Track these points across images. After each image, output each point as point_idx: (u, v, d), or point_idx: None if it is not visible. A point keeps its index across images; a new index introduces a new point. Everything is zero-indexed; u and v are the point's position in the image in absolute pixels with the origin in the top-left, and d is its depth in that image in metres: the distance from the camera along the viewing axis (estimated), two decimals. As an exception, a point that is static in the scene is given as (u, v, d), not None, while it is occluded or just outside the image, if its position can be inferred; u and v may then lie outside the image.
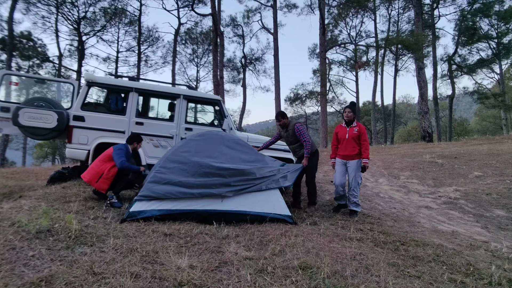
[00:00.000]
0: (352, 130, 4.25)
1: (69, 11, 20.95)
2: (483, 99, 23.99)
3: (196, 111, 6.92)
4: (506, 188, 5.89)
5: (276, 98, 20.54)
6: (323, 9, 19.19)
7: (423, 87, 16.56)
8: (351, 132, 4.25)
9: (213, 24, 17.14)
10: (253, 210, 3.54)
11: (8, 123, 4.80)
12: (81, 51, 21.30)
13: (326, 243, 2.91)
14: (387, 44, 20.27)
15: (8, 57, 17.49)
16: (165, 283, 1.94)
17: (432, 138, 16.51)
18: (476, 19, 22.53)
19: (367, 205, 4.99)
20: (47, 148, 31.07)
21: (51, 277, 1.87)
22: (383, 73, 25.96)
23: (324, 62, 19.76)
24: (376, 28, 24.47)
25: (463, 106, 77.58)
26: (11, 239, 2.35)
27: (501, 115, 26.83)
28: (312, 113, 30.45)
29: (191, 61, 28.24)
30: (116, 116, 5.03)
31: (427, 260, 2.72)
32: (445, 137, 24.92)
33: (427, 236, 3.60)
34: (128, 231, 2.86)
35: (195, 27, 26.57)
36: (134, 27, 24.00)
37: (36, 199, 3.82)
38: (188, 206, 3.35)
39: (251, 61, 27.95)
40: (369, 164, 4.85)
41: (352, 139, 4.23)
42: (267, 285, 2.03)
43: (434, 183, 6.54)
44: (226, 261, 2.36)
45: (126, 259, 2.26)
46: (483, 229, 4.24)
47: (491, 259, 2.99)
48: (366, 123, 29.80)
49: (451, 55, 23.99)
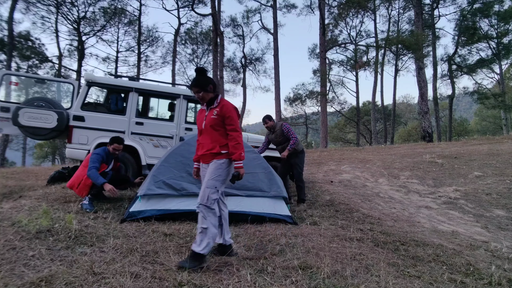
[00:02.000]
0: (211, 113, 2.46)
1: (68, 11, 20.94)
2: (483, 99, 23.97)
3: (196, 111, 6.92)
4: (506, 188, 5.89)
5: (276, 98, 20.54)
6: (323, 9, 19.21)
7: (423, 87, 16.57)
8: (209, 117, 2.46)
9: (213, 24, 17.14)
10: (253, 210, 3.54)
11: (8, 123, 4.80)
12: (80, 51, 21.29)
13: (326, 243, 2.91)
14: (387, 44, 20.28)
15: (8, 57, 17.49)
16: (165, 283, 1.94)
17: (432, 138, 16.53)
18: (476, 19, 22.53)
19: (367, 205, 4.99)
20: (47, 148, 31.05)
21: (51, 277, 1.87)
22: (383, 73, 25.97)
23: (324, 62, 19.77)
24: (376, 28, 24.46)
25: (463, 106, 77.62)
26: (11, 239, 2.35)
27: (501, 115, 26.85)
28: (312, 113, 30.45)
29: (191, 61, 28.22)
30: (116, 116, 5.03)
31: (427, 260, 2.72)
32: (445, 137, 24.92)
33: (427, 236, 3.60)
34: (128, 231, 2.86)
35: (195, 27, 26.59)
36: (134, 27, 24.00)
37: (36, 199, 3.82)
38: (188, 206, 3.35)
39: (251, 61, 27.95)
40: (369, 165, 4.76)
41: (211, 128, 2.45)
42: (267, 285, 2.03)
43: (434, 183, 6.54)
44: (226, 261, 2.36)
45: (126, 259, 2.26)
46: (483, 229, 4.24)
47: (491, 259, 2.99)
48: (366, 123, 29.80)
49: (451, 55, 23.99)
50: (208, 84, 2.42)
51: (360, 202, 5.08)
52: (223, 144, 2.43)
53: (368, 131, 29.79)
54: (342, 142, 32.58)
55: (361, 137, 28.28)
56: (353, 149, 13.75)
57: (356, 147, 18.54)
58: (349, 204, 4.78)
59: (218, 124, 2.43)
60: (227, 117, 2.41)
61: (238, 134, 2.42)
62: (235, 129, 2.42)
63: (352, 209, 4.51)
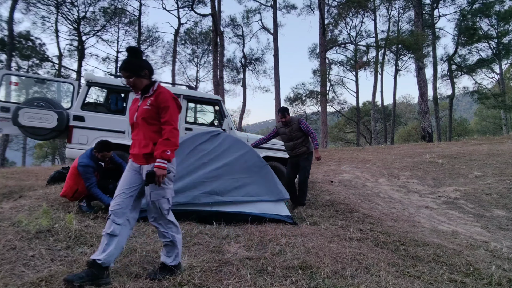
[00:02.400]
0: (144, 103, 2.04)
1: (69, 11, 20.94)
2: (483, 99, 23.97)
3: (196, 111, 6.92)
4: (506, 188, 5.89)
5: (276, 98, 20.53)
6: (323, 9, 19.21)
7: (423, 87, 16.57)
8: (142, 107, 2.04)
9: (213, 24, 17.14)
10: (253, 211, 3.54)
11: (8, 123, 4.79)
12: (81, 51, 21.28)
13: (326, 243, 2.91)
14: (387, 44, 20.28)
15: (8, 57, 17.49)
16: (165, 283, 1.94)
17: (432, 138, 16.52)
18: (476, 19, 22.52)
19: (367, 205, 4.99)
20: (47, 148, 31.06)
21: (51, 277, 1.87)
22: (383, 73, 25.95)
23: (324, 62, 19.77)
24: (376, 28, 24.45)
25: (463, 106, 77.63)
26: (11, 239, 2.35)
27: (501, 115, 26.84)
28: (312, 113, 30.43)
29: (190, 61, 28.25)
30: (116, 116, 5.02)
31: (427, 260, 2.72)
32: (445, 137, 24.92)
33: (427, 236, 3.60)
34: (128, 231, 2.86)
35: (195, 27, 26.60)
36: (134, 27, 24.00)
37: (36, 199, 3.81)
38: (188, 206, 3.35)
39: (251, 61, 27.94)
40: (369, 165, 4.72)
41: (143, 122, 2.02)
42: (267, 285, 2.03)
43: (434, 183, 6.54)
44: (226, 261, 2.36)
45: (126, 259, 2.26)
46: (483, 229, 4.24)
47: (491, 259, 2.99)
48: (366, 123, 29.79)
49: (451, 55, 23.99)
50: (142, 68, 2.01)
51: (360, 202, 5.08)
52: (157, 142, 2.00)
53: (368, 131, 29.78)
54: (342, 142, 32.58)
55: (361, 137, 28.27)
56: (353, 149, 13.74)
57: (356, 147, 18.53)
58: (349, 204, 4.78)
59: (152, 117, 2.00)
60: (162, 108, 1.98)
61: (172, 129, 1.96)
62: (168, 122, 1.97)
63: (352, 209, 4.51)
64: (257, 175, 3.77)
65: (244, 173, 3.72)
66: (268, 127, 78.77)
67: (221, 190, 3.49)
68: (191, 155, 3.69)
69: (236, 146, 3.94)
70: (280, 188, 3.78)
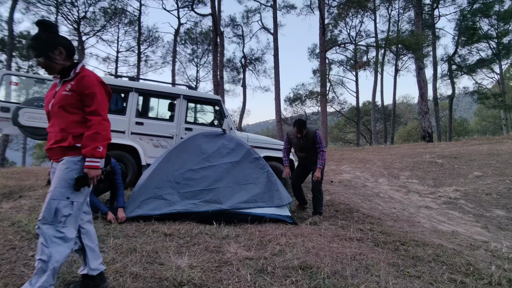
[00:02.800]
0: (63, 88, 1.68)
1: (69, 11, 20.93)
2: (483, 99, 23.97)
3: (196, 111, 6.92)
4: (506, 188, 5.89)
5: (276, 98, 20.52)
6: (323, 9, 19.19)
7: (423, 87, 16.57)
8: (60, 93, 1.68)
9: (213, 24, 17.13)
10: (253, 211, 3.54)
11: (8, 123, 4.80)
12: (81, 51, 21.28)
13: (326, 243, 2.91)
14: (387, 44, 20.27)
15: (8, 57, 17.49)
16: (165, 283, 1.94)
17: (432, 138, 16.52)
18: (476, 19, 22.52)
19: (367, 205, 4.99)
20: (47, 148, 31.01)
21: (51, 277, 1.87)
22: (383, 73, 25.95)
23: (324, 62, 19.76)
24: (376, 28, 24.45)
25: (463, 106, 77.63)
26: (11, 239, 2.35)
27: (501, 115, 26.83)
28: (312, 113, 30.42)
29: (190, 61, 28.23)
30: (116, 116, 5.02)
31: (427, 260, 2.72)
32: (445, 137, 24.92)
33: (427, 236, 3.60)
34: (128, 231, 2.86)
35: (195, 27, 26.57)
36: (134, 27, 23.99)
37: (36, 199, 3.81)
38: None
39: (251, 61, 27.93)
40: (369, 165, 4.71)
41: (60, 110, 1.67)
42: (267, 285, 2.03)
43: (434, 183, 6.54)
44: (226, 261, 2.36)
45: (126, 259, 2.26)
46: (483, 229, 4.24)
47: (491, 259, 2.99)
48: (366, 123, 29.80)
49: (451, 55, 23.98)
50: (55, 45, 1.61)
51: (360, 202, 5.08)
52: (79, 133, 1.65)
53: (368, 131, 29.78)
54: (342, 142, 32.57)
55: (361, 137, 28.27)
56: (353, 149, 13.75)
57: (356, 147, 18.54)
58: (349, 204, 4.78)
59: (73, 104, 1.63)
60: (87, 95, 1.63)
61: (101, 120, 1.64)
62: (96, 111, 1.64)
63: (352, 209, 4.51)
64: (258, 181, 3.73)
65: (244, 179, 3.70)
66: (268, 127, 78.68)
67: (219, 198, 3.49)
68: (190, 159, 3.69)
69: (237, 150, 3.94)
70: (281, 194, 3.71)
